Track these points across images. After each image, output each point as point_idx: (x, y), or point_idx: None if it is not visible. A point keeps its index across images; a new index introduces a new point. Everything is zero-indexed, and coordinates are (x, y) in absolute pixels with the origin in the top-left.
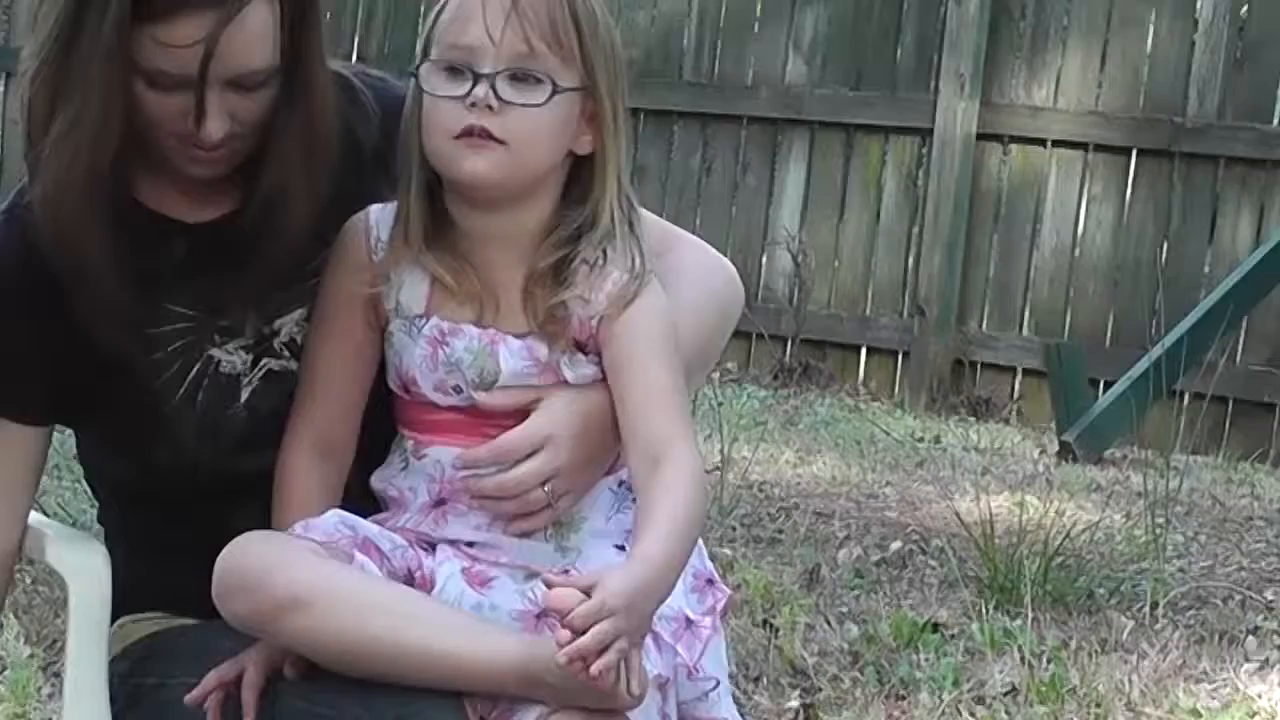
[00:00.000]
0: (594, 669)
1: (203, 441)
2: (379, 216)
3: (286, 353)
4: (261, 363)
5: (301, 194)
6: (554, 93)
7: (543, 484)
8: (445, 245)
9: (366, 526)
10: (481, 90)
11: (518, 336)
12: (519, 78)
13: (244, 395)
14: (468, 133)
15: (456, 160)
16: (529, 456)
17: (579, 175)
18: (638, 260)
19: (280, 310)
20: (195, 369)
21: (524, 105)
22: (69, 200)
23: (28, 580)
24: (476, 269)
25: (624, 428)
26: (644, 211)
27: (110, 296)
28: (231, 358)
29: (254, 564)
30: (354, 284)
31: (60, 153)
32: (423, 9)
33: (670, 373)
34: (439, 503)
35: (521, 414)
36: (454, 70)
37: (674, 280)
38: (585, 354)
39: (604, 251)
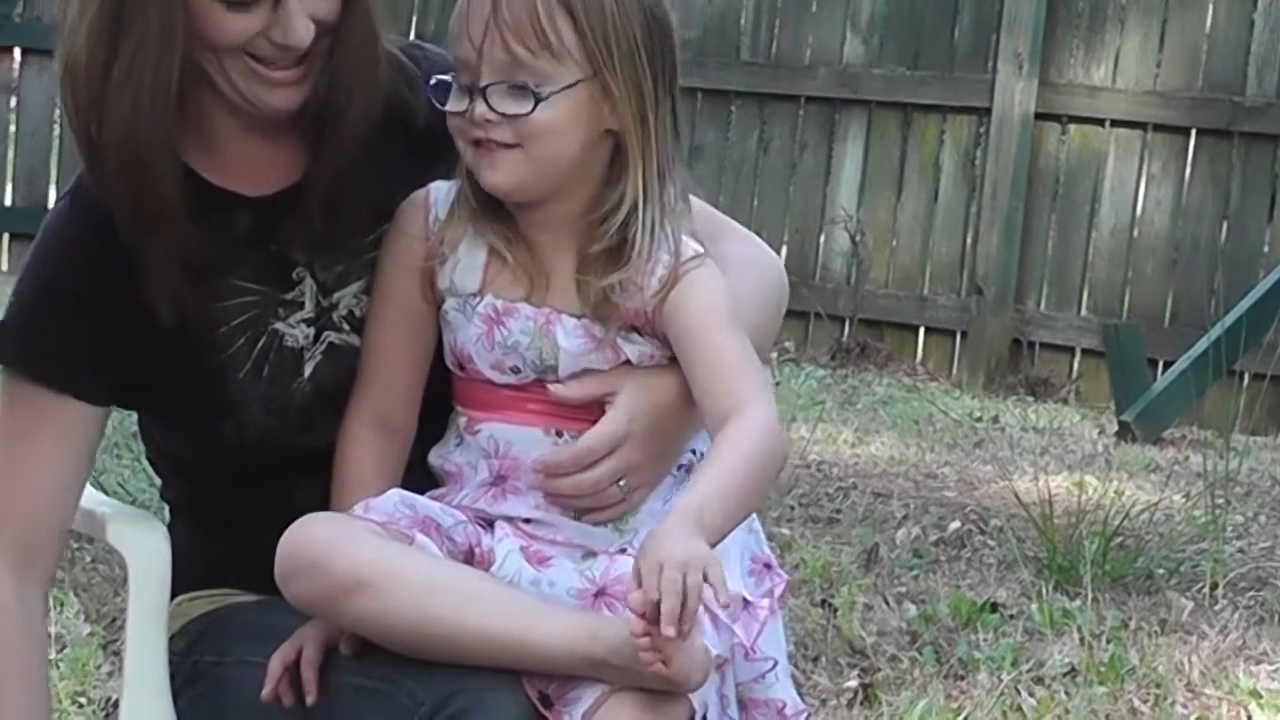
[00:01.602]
0: (665, 624)
1: (270, 416)
2: (438, 194)
3: (346, 326)
4: (323, 336)
5: (361, 98)
6: (537, 101)
7: (618, 481)
8: (500, 222)
9: (427, 504)
10: (479, 107)
11: (574, 317)
12: (511, 86)
13: (307, 370)
14: (477, 144)
15: (479, 171)
16: (606, 456)
17: (618, 154)
18: (687, 243)
19: (340, 283)
20: (260, 343)
21: (515, 115)
22: (141, 128)
23: (87, 559)
24: (529, 247)
25: (698, 399)
26: (693, 199)
27: (178, 242)
28: (294, 331)
29: (316, 547)
30: (411, 260)
31: (129, 82)
32: None
33: (735, 336)
34: (498, 479)
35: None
36: (459, 85)
37: (723, 270)
38: (642, 335)
39: (651, 234)
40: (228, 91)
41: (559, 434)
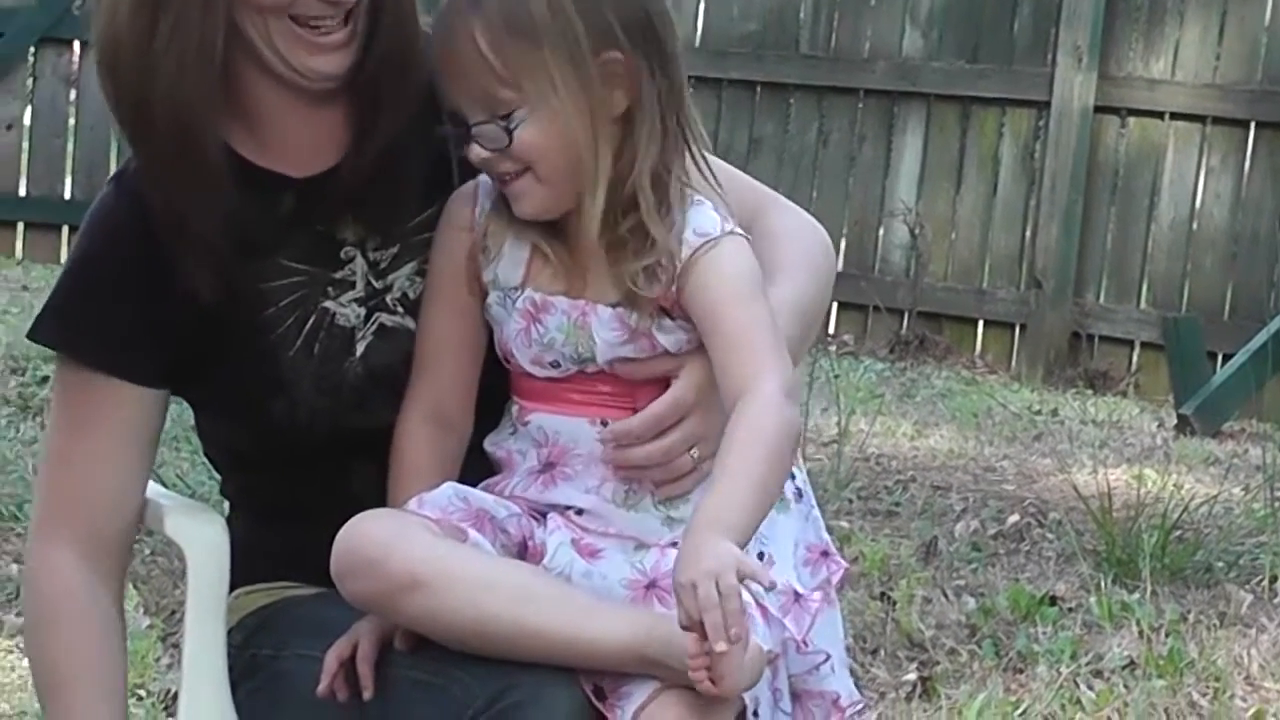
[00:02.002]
0: (714, 640)
1: (320, 395)
2: (486, 187)
3: (400, 308)
4: (374, 317)
5: (406, 71)
6: (509, 131)
7: (688, 449)
8: (539, 221)
9: (481, 497)
10: (473, 148)
11: (609, 306)
12: (489, 122)
13: (359, 349)
14: (495, 178)
15: (510, 202)
16: (675, 425)
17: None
18: (712, 222)
19: (394, 265)
20: (310, 322)
21: (501, 150)
22: (188, 91)
23: (146, 551)
24: (567, 239)
25: (717, 377)
26: (736, 173)
27: (222, 215)
28: (345, 310)
29: (371, 545)
30: (459, 253)
31: (172, 47)
32: None
33: (751, 308)
34: (547, 466)
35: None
36: (457, 130)
37: (769, 244)
38: (673, 319)
39: (661, 216)
40: (272, 61)
41: (604, 424)
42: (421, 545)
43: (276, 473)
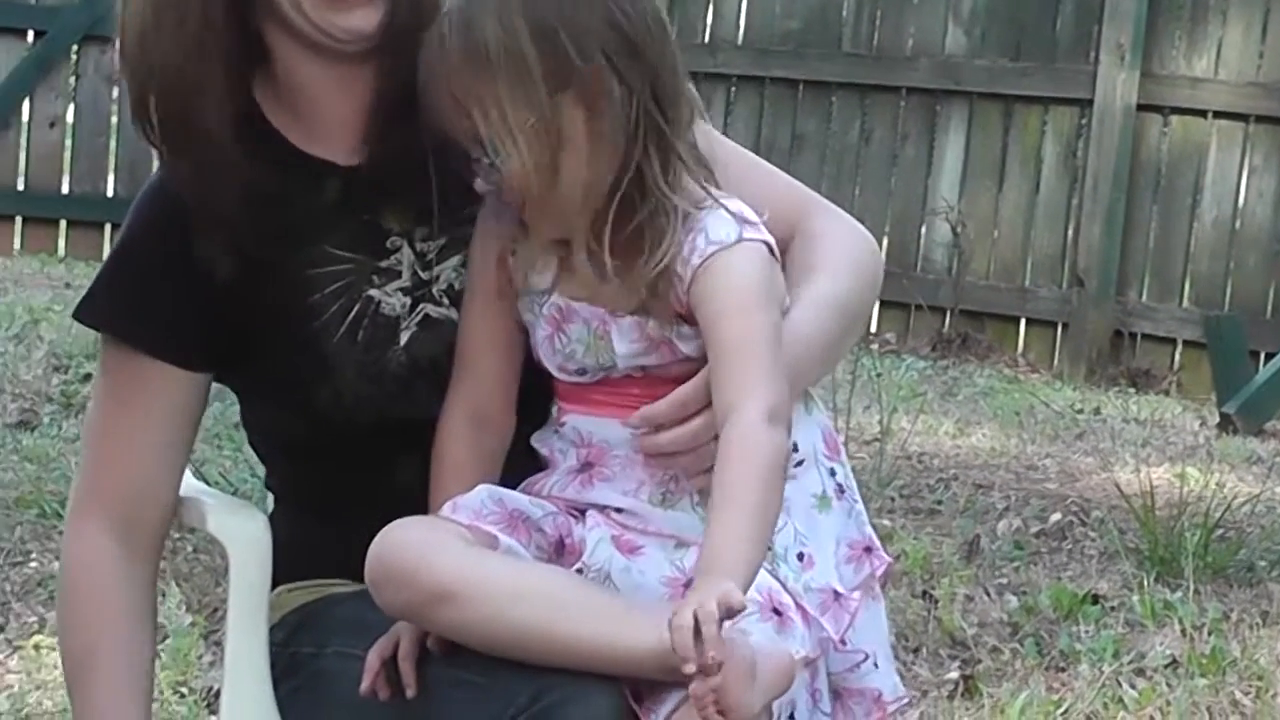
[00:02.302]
0: (684, 664)
1: (364, 382)
2: None
3: (446, 300)
4: (419, 307)
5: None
6: (492, 165)
7: (717, 436)
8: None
9: (515, 498)
10: (478, 184)
11: (628, 314)
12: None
13: (403, 339)
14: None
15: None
16: (702, 410)
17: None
18: (722, 227)
19: (441, 256)
20: (355, 309)
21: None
22: (187, 52)
23: (189, 549)
24: (591, 252)
25: (712, 391)
26: (779, 174)
27: (233, 186)
28: (391, 300)
29: (402, 556)
30: (494, 254)
31: (168, 23)
32: None
33: (743, 323)
34: (585, 466)
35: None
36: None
37: (812, 244)
38: (692, 326)
39: (659, 222)
40: (300, 24)
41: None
42: (452, 556)
43: (322, 463)
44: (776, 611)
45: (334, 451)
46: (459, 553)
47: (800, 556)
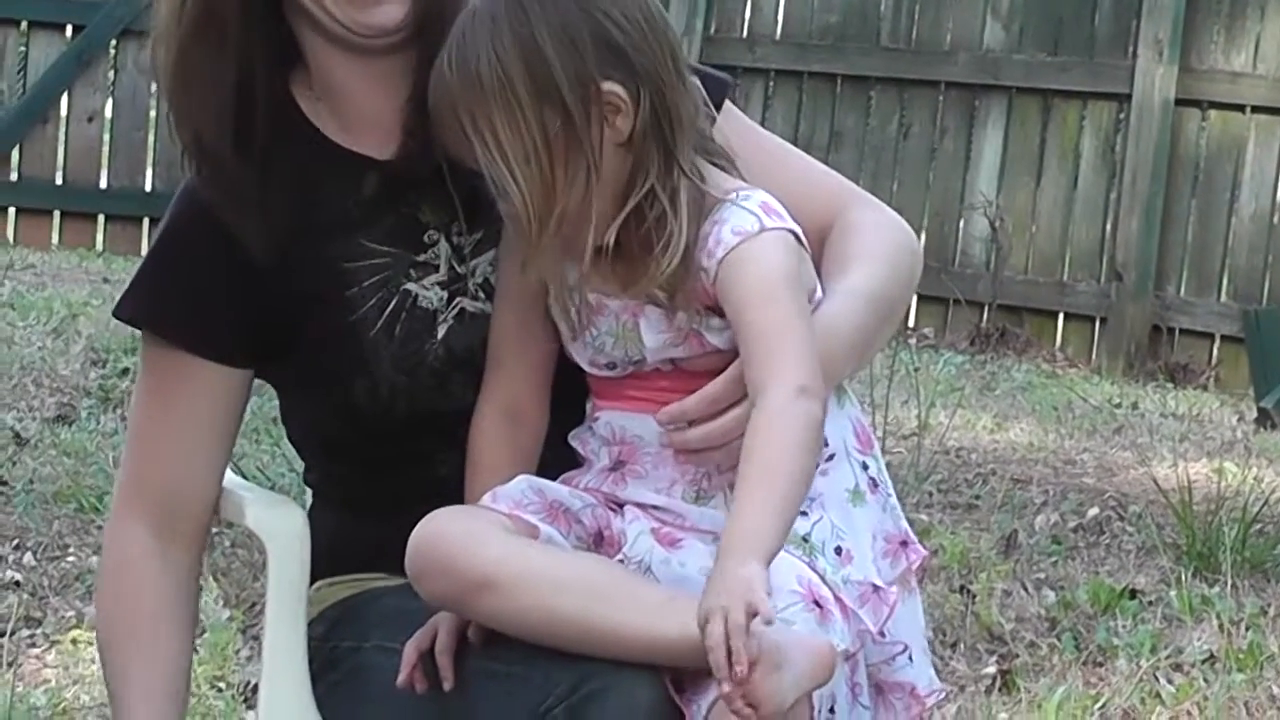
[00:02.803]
0: (721, 680)
1: (400, 373)
2: None
3: (482, 294)
4: (455, 301)
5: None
6: (501, 194)
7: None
8: None
9: (555, 489)
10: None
11: (656, 305)
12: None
13: (440, 332)
14: None
15: None
16: (732, 405)
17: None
18: (743, 220)
19: (477, 250)
20: (393, 303)
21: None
22: (192, 53)
23: (227, 543)
24: (620, 246)
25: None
26: (820, 167)
27: (240, 186)
28: (428, 293)
29: (443, 545)
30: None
31: (170, 11)
32: None
33: (775, 308)
34: (617, 465)
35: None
36: None
37: (850, 235)
38: (721, 318)
39: (681, 214)
40: (328, 23)
41: None
42: (493, 545)
43: (360, 458)
44: (817, 604)
45: (371, 446)
46: (500, 541)
47: (838, 550)
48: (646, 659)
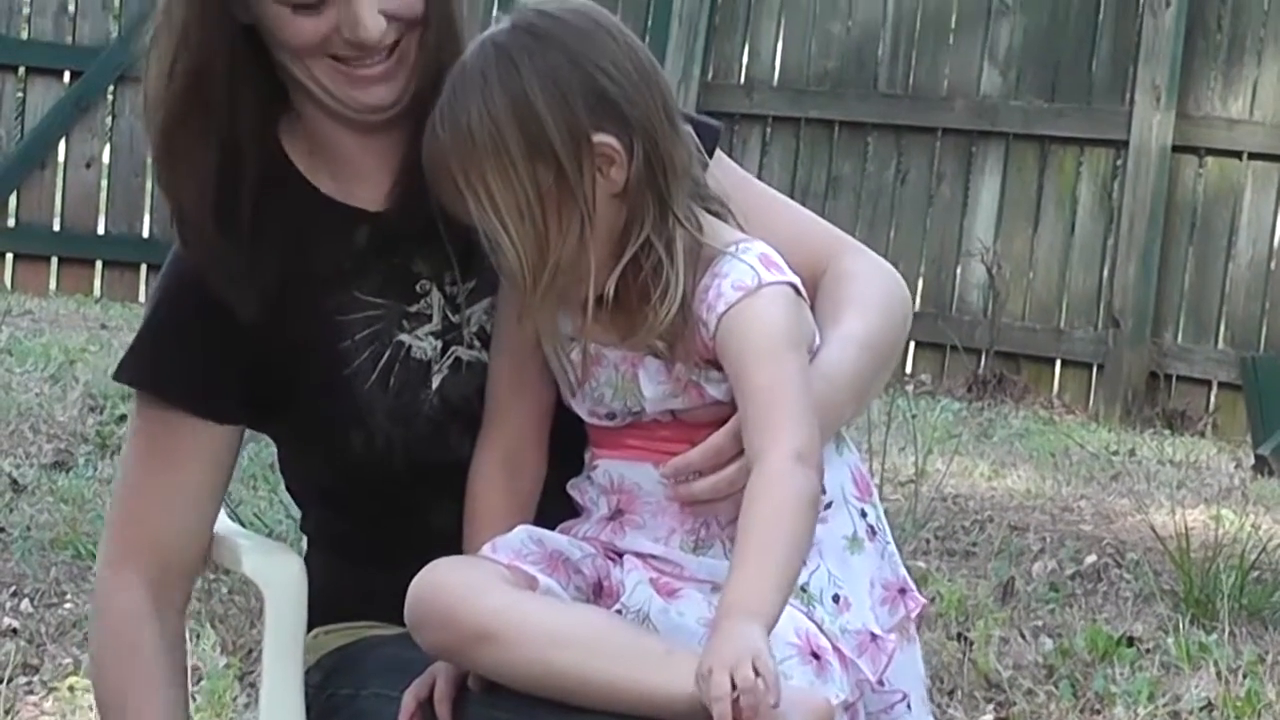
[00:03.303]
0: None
1: (396, 424)
2: None
3: (477, 343)
4: (450, 350)
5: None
6: (494, 252)
7: None
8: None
9: (555, 539)
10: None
11: (656, 356)
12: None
13: (435, 382)
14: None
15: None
16: (736, 456)
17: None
18: (747, 272)
19: (471, 299)
20: (386, 355)
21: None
22: (175, 117)
23: (224, 590)
24: (616, 300)
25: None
26: (812, 216)
27: (218, 255)
28: (422, 344)
29: (442, 596)
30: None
31: (153, 87)
32: None
33: (773, 368)
34: (616, 514)
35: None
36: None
37: (842, 283)
38: (720, 371)
39: (665, 269)
40: (321, 96)
41: None
42: (492, 596)
43: (358, 508)
44: (815, 655)
45: (369, 496)
46: (499, 593)
47: (836, 599)
48: (644, 712)
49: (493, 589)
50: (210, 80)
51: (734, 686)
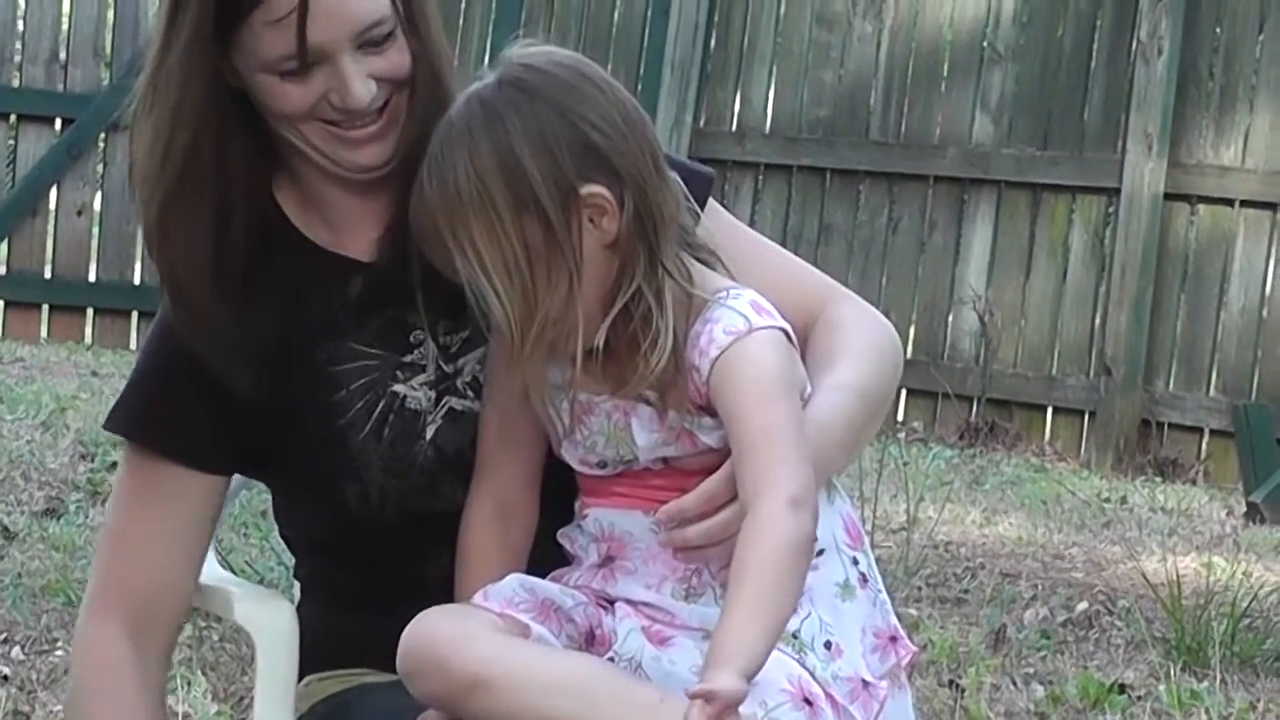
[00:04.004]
0: None
1: (390, 476)
2: None
3: (470, 393)
4: (444, 401)
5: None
6: (484, 312)
7: None
8: None
9: (546, 587)
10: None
11: (648, 405)
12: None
13: (429, 433)
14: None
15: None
16: (730, 501)
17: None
18: (738, 318)
19: (464, 349)
20: (380, 406)
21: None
22: (168, 199)
23: (215, 637)
24: (608, 350)
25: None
26: (803, 265)
27: (204, 324)
28: (416, 394)
29: (434, 645)
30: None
31: (146, 162)
32: (610, 69)
33: (762, 414)
34: (606, 561)
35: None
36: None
37: (834, 331)
38: (713, 417)
39: (656, 316)
40: (315, 157)
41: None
42: (484, 645)
43: (350, 557)
44: (807, 701)
45: (362, 546)
46: (491, 641)
47: (828, 645)
48: None
49: (484, 637)
50: (204, 151)
51: None
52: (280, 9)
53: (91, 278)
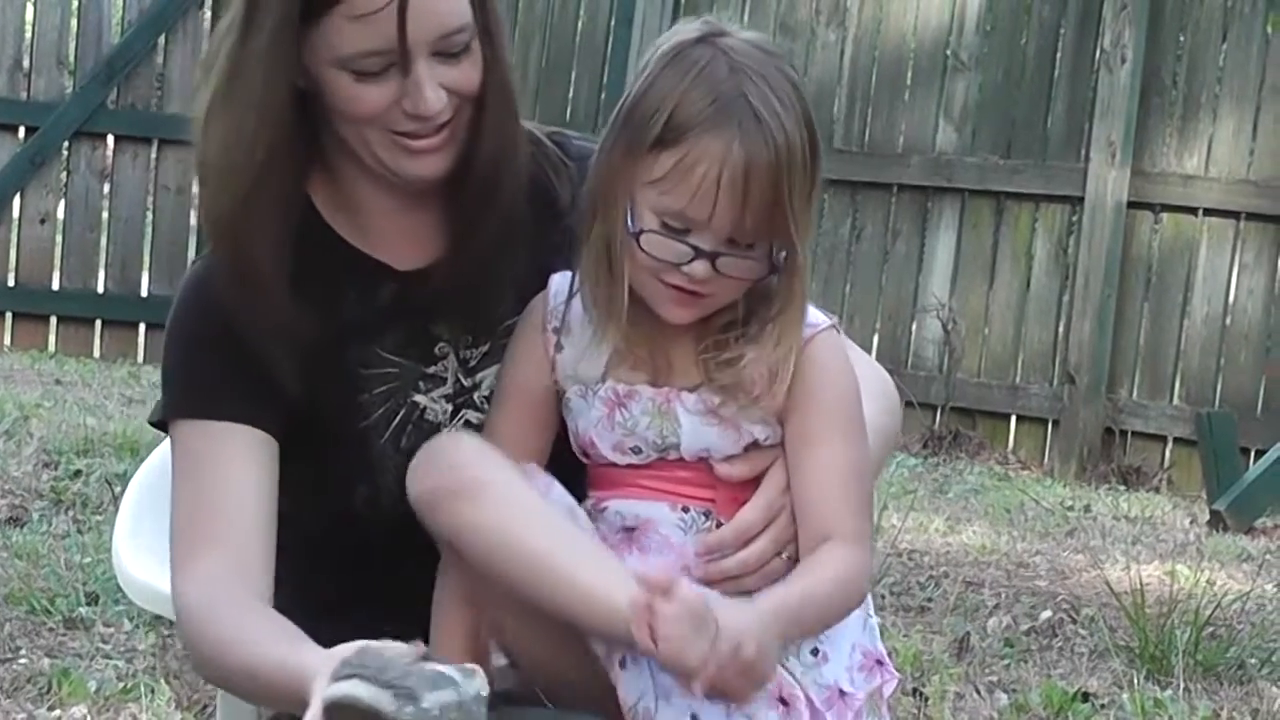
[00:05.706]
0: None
1: (401, 485)
2: (558, 285)
3: (486, 406)
4: (461, 414)
5: (507, 173)
6: (771, 268)
7: (780, 553)
8: (622, 323)
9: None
10: (700, 266)
11: (692, 392)
12: (735, 247)
13: None
14: (678, 288)
15: (659, 301)
16: (764, 530)
17: None
18: (812, 311)
19: (484, 363)
20: (401, 414)
21: (736, 278)
22: (243, 187)
23: (178, 645)
24: (649, 340)
25: (796, 501)
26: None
27: (282, 315)
28: (435, 405)
29: (456, 447)
30: (534, 353)
31: (226, 155)
32: (574, 77)
33: (850, 451)
34: (627, 531)
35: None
36: (676, 236)
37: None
38: (760, 408)
39: (777, 311)
40: (372, 163)
41: (685, 510)
42: (495, 466)
43: (335, 558)
44: (783, 701)
45: (352, 548)
46: (503, 467)
47: (814, 651)
48: (576, 611)
49: (500, 462)
50: (283, 146)
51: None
52: (372, 3)
53: (55, 286)
